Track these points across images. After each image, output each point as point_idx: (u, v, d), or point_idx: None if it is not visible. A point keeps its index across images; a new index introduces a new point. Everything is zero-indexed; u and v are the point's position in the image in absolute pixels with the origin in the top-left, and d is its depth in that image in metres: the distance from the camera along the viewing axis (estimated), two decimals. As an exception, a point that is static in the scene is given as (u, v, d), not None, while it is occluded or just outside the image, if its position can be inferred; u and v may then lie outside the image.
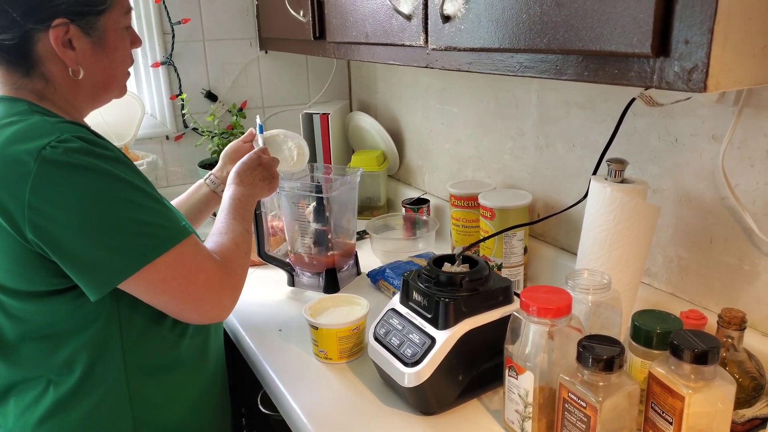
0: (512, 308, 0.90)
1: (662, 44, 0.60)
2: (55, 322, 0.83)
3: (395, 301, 0.97)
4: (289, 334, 1.13)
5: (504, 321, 0.89)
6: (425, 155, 1.65)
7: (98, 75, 0.89)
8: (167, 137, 1.77)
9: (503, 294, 0.91)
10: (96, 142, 0.81)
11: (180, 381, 0.94)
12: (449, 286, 0.88)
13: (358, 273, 1.36)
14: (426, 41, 0.96)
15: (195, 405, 0.98)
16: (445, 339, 0.85)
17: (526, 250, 1.23)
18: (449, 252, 1.40)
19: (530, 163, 1.28)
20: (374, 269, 1.30)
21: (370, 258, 1.42)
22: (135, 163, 1.50)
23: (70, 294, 0.82)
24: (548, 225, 1.26)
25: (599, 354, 0.72)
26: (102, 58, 0.88)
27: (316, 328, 1.01)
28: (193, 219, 1.19)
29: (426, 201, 1.52)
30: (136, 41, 0.95)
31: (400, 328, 0.92)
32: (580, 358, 0.74)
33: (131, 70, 0.97)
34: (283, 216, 1.32)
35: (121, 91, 0.96)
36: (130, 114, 1.51)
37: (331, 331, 1.01)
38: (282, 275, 1.32)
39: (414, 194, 1.65)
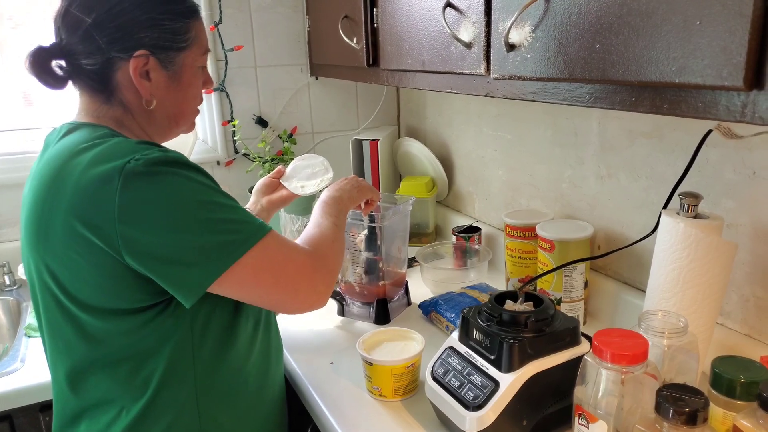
0: (580, 350, 0.86)
1: (757, 77, 0.56)
2: (134, 342, 0.83)
3: (453, 339, 0.93)
4: (340, 367, 1.10)
5: (571, 364, 0.85)
6: (476, 182, 1.62)
7: (170, 108, 0.91)
8: (218, 162, 1.78)
9: (570, 335, 0.86)
10: (175, 153, 0.82)
11: (247, 404, 0.93)
12: (513, 326, 0.84)
13: (409, 303, 1.33)
14: (488, 69, 0.93)
15: (260, 429, 0.97)
16: (510, 383, 0.81)
17: (586, 284, 1.17)
18: (503, 284, 1.36)
19: (590, 193, 1.23)
20: (426, 300, 1.26)
21: (419, 287, 1.39)
22: (187, 188, 1.52)
23: (151, 311, 0.82)
24: (610, 258, 1.21)
25: (682, 406, 0.67)
26: (175, 92, 0.90)
27: (371, 364, 0.98)
28: None
29: (477, 229, 1.49)
30: (208, 82, 0.98)
31: (460, 368, 0.88)
32: (660, 409, 0.68)
33: (200, 108, 0.99)
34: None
35: (190, 126, 0.99)
36: (183, 140, 1.53)
37: (386, 367, 0.97)
38: (332, 304, 1.30)
39: (463, 221, 1.61)
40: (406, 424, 0.94)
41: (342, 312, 1.29)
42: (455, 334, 0.94)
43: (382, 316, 1.25)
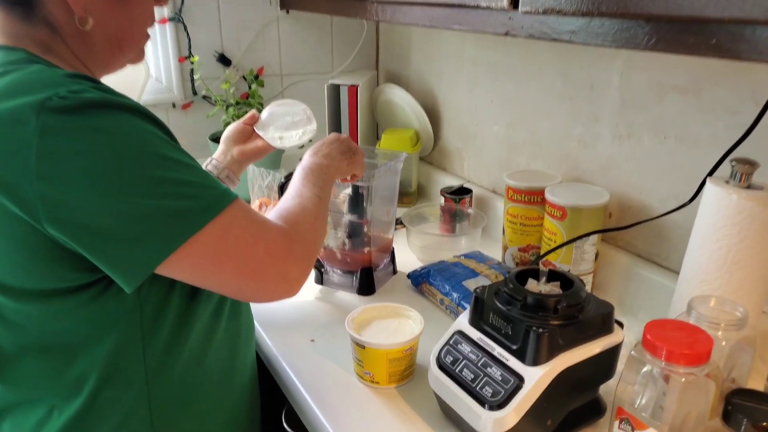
0: (613, 340, 0.74)
1: None
2: (64, 330, 0.66)
3: (462, 322, 0.79)
4: (323, 345, 0.95)
5: (604, 355, 0.73)
6: (466, 137, 1.46)
7: (112, 30, 0.71)
8: (174, 105, 1.56)
9: (603, 322, 0.74)
10: (118, 93, 0.63)
11: (210, 398, 0.78)
12: (540, 311, 0.71)
13: (395, 271, 1.19)
14: (513, 3, 0.77)
15: (226, 422, 0.83)
16: (537, 378, 0.68)
17: (597, 256, 1.06)
18: (499, 252, 1.22)
19: (604, 154, 1.10)
20: (416, 270, 1.12)
21: (404, 253, 1.24)
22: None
23: (85, 293, 0.64)
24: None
25: (760, 418, 0.55)
26: (118, 10, 0.70)
27: (363, 347, 0.84)
28: None
29: (468, 191, 1.34)
30: None
31: (473, 357, 0.75)
32: (730, 419, 0.57)
33: (151, 32, 0.79)
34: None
35: (139, 54, 0.78)
36: (132, 77, 1.31)
37: (380, 351, 0.83)
38: (309, 272, 1.14)
39: (450, 181, 1.47)
40: (404, 415, 0.81)
41: (320, 280, 1.14)
42: (464, 317, 0.80)
43: (367, 287, 1.10)
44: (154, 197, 0.59)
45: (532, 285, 0.76)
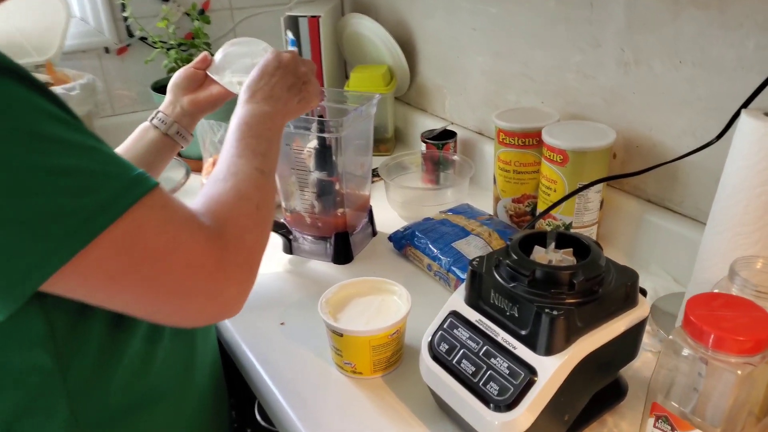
0: (638, 315, 0.62)
1: None
2: None
3: (458, 300, 0.66)
4: (294, 329, 0.83)
5: (628, 333, 0.61)
6: (447, 72, 1.30)
7: None
8: (107, 50, 1.35)
9: (627, 294, 0.61)
10: None
11: (160, 416, 0.65)
12: (553, 288, 0.58)
13: (374, 233, 1.05)
14: None
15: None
16: (554, 371, 0.56)
17: (602, 204, 0.93)
18: (490, 204, 1.06)
19: (607, 86, 0.95)
20: (398, 231, 0.98)
21: (383, 210, 1.10)
22: (65, 86, 1.12)
23: None
24: (631, 168, 0.95)
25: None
26: None
27: (341, 335, 0.71)
28: None
29: (452, 134, 1.19)
30: None
31: (472, 345, 0.62)
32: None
33: None
34: (273, 161, 0.98)
35: None
36: (51, 18, 1.11)
37: (362, 339, 0.71)
38: (275, 239, 1.00)
39: (431, 123, 1.31)
40: (392, 411, 0.69)
41: (289, 249, 1.00)
42: (459, 294, 0.67)
43: (343, 254, 0.97)
44: (34, 193, 0.43)
45: (539, 254, 0.63)
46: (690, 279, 0.72)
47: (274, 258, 0.99)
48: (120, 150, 0.85)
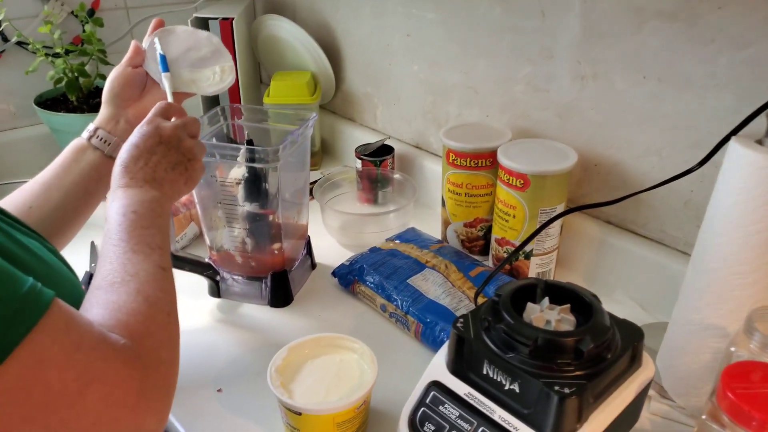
0: (644, 375, 0.55)
1: None
2: None
3: (440, 367, 0.57)
4: (235, 396, 0.70)
5: (637, 399, 0.54)
6: (377, 80, 1.19)
7: None
8: (-26, 57, 1.14)
9: (633, 354, 0.54)
10: None
11: None
12: (559, 358, 0.50)
13: (313, 266, 0.93)
14: None
15: None
16: (568, 459, 0.48)
17: (561, 228, 0.86)
18: (437, 227, 0.96)
19: (561, 101, 0.89)
20: (343, 266, 0.87)
21: (319, 236, 0.98)
22: None
23: None
24: (588, 189, 0.90)
25: None
26: None
27: (299, 414, 0.59)
28: (78, 208, 0.70)
29: (390, 149, 1.10)
30: None
31: (465, 425, 0.53)
32: None
33: None
34: (194, 192, 0.83)
35: None
36: None
37: (325, 417, 0.59)
38: (200, 282, 0.86)
39: (362, 135, 1.21)
40: (364, 498, 0.58)
41: (217, 292, 0.86)
42: (440, 359, 0.57)
43: (282, 296, 0.84)
44: None
45: (534, 315, 0.55)
46: (660, 308, 0.67)
47: (199, 303, 0.85)
48: (48, 176, 0.68)
